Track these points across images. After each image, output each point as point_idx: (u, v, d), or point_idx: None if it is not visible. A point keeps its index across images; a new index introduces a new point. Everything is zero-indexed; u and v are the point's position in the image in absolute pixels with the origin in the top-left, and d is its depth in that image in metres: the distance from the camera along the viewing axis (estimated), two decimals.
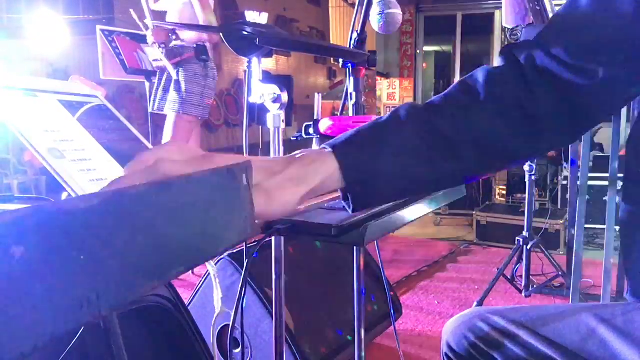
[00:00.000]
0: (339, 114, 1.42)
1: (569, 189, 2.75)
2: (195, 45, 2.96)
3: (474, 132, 0.61)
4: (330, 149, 0.58)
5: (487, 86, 0.63)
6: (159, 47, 2.91)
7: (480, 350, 0.83)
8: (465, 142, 0.61)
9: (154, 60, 3.03)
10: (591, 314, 0.77)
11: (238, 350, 1.59)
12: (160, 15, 3.14)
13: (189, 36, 2.94)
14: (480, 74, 0.64)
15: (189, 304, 1.82)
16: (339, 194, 0.60)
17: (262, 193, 0.50)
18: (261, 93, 0.94)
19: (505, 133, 0.62)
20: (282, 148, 0.98)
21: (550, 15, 2.25)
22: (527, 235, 2.76)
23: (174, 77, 2.96)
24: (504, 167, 0.68)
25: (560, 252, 3.56)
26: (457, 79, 8.25)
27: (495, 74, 0.64)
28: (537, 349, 0.77)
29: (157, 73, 3.12)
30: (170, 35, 2.91)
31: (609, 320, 0.75)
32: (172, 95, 3.00)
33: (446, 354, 0.88)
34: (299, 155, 0.57)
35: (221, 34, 0.90)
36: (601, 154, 4.24)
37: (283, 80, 0.97)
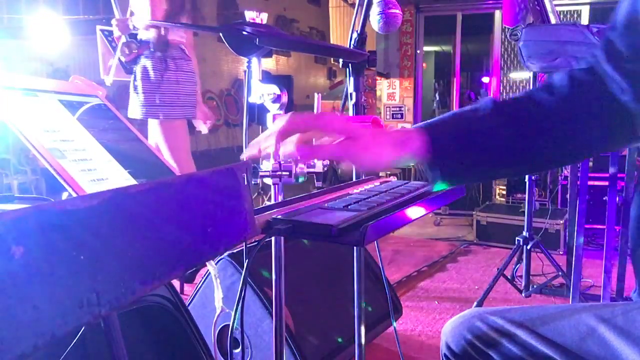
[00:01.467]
0: (339, 113, 1.42)
1: (569, 189, 2.75)
2: (151, 42, 2.78)
3: (553, 122, 0.69)
4: (418, 127, 0.71)
5: (571, 86, 0.71)
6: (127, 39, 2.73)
7: (478, 350, 0.83)
8: (546, 130, 0.69)
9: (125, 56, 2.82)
10: (591, 313, 0.77)
11: (238, 350, 1.59)
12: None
13: (146, 35, 2.78)
14: (562, 76, 0.72)
15: (189, 304, 1.82)
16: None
17: (365, 149, 0.66)
18: (261, 93, 0.94)
19: (583, 130, 0.70)
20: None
21: (551, 15, 2.25)
22: (527, 235, 2.76)
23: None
24: (573, 159, 0.78)
25: (560, 252, 3.56)
26: (457, 79, 8.27)
27: (577, 77, 0.72)
28: (536, 348, 0.77)
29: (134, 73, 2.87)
30: (132, 27, 2.74)
31: (609, 320, 0.75)
32: (132, 97, 2.81)
33: (445, 355, 0.89)
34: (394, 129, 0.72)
35: (221, 34, 0.90)
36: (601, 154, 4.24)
37: (283, 80, 0.97)
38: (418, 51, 7.82)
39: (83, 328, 0.75)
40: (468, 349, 0.84)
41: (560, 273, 2.75)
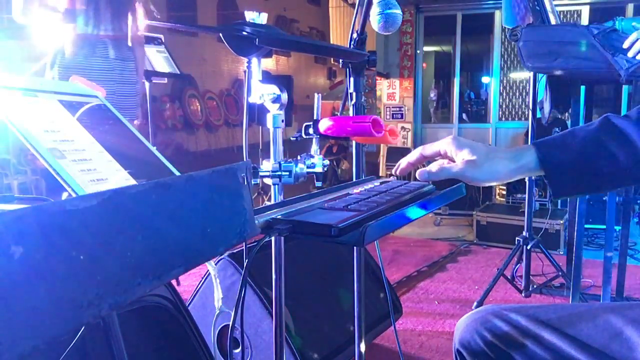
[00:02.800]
0: (339, 114, 1.42)
1: None
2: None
3: None
4: (531, 145, 0.76)
5: None
6: None
7: (495, 348, 0.80)
8: None
9: None
10: (618, 314, 0.75)
11: (238, 350, 1.59)
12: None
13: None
14: None
15: (189, 304, 1.82)
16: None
17: (484, 164, 0.75)
18: (261, 93, 0.94)
19: None
20: (282, 148, 0.98)
21: (551, 15, 2.25)
22: (527, 235, 2.76)
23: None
24: None
25: (560, 252, 3.56)
26: (457, 79, 8.27)
27: None
28: (561, 348, 0.75)
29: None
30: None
31: (636, 320, 0.73)
32: None
33: (458, 351, 0.86)
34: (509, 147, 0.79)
35: (221, 34, 0.90)
36: None
37: (283, 80, 0.97)
38: (418, 51, 7.82)
39: (83, 328, 0.75)
40: (484, 347, 0.82)
41: (560, 273, 2.75)
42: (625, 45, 1.81)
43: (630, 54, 1.80)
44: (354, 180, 1.19)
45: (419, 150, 0.82)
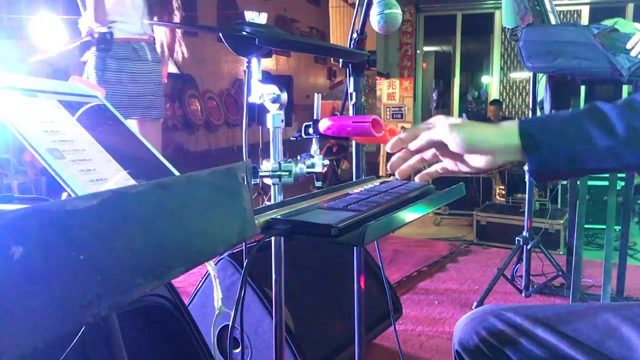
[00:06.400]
0: (339, 114, 1.42)
1: (568, 189, 2.75)
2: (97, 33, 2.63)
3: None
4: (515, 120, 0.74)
5: None
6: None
7: (492, 347, 0.81)
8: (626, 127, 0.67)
9: None
10: (613, 312, 0.75)
11: (238, 350, 1.59)
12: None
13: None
14: None
15: (189, 304, 1.82)
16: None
17: (467, 126, 0.73)
18: (261, 93, 0.94)
19: None
20: (282, 148, 0.98)
21: (551, 15, 2.25)
22: (527, 235, 2.76)
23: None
24: None
25: (560, 252, 3.56)
26: (457, 79, 8.27)
27: None
28: (555, 345, 0.75)
29: None
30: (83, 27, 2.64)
31: (632, 319, 0.73)
32: None
33: (457, 351, 0.87)
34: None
35: (221, 34, 0.90)
36: None
37: (283, 80, 0.97)
38: (418, 51, 7.82)
39: (83, 328, 0.75)
40: (482, 346, 0.82)
41: (560, 273, 2.75)
42: (629, 45, 1.82)
43: (633, 53, 1.80)
44: (354, 180, 1.19)
45: (403, 142, 0.79)
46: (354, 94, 1.24)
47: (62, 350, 0.79)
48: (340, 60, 1.25)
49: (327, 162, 1.02)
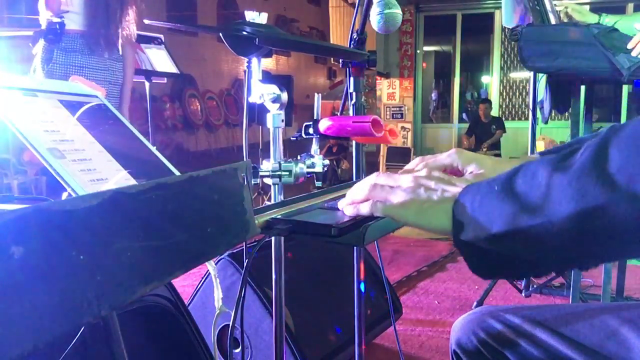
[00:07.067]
0: (339, 114, 1.42)
1: None
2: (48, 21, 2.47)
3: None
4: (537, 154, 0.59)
5: None
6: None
7: (491, 348, 0.80)
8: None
9: None
10: (614, 314, 0.75)
11: (238, 350, 1.59)
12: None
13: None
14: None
15: (189, 304, 1.82)
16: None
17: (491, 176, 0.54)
18: (261, 93, 0.94)
19: None
20: (282, 148, 0.98)
21: (551, 15, 2.25)
22: None
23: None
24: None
25: None
26: (457, 79, 8.27)
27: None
28: (554, 347, 0.75)
29: None
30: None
31: (633, 321, 0.72)
32: None
33: (454, 352, 0.86)
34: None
35: (221, 34, 0.90)
36: None
37: (283, 80, 0.97)
38: (418, 51, 7.82)
39: (83, 328, 0.75)
40: (480, 347, 0.81)
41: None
42: (630, 45, 1.82)
43: (634, 53, 1.80)
44: (354, 180, 1.19)
45: (419, 162, 0.73)
46: (354, 93, 1.25)
47: (62, 350, 0.79)
48: (340, 60, 1.25)
49: (327, 162, 1.02)
